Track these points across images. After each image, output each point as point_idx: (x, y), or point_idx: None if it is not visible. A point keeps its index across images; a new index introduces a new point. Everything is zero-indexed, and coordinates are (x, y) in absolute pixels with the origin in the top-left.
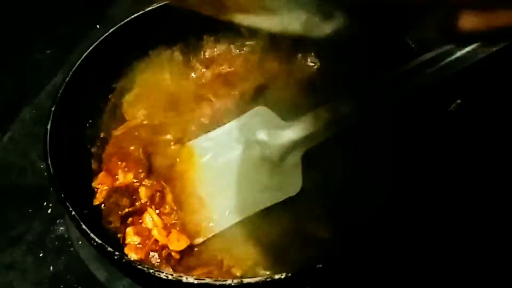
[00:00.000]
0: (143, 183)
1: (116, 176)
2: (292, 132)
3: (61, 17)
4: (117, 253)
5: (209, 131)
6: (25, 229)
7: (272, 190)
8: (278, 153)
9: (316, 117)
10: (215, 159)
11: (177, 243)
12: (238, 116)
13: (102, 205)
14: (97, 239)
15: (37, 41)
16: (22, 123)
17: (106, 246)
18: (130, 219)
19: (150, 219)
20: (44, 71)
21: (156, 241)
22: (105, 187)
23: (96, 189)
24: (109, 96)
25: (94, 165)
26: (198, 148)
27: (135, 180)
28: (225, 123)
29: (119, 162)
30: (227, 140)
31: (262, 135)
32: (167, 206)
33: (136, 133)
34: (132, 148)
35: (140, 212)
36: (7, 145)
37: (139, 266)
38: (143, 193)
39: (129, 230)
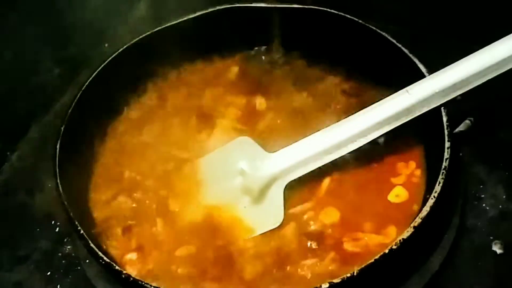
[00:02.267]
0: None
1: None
2: (274, 164)
3: (70, 36)
4: (124, 272)
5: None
6: (32, 247)
7: (252, 222)
8: (259, 184)
9: (302, 147)
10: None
11: None
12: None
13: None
14: (105, 258)
15: (45, 60)
16: (30, 142)
17: (114, 264)
18: (133, 232)
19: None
20: (53, 90)
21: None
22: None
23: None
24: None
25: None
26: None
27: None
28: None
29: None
30: (209, 170)
31: (244, 166)
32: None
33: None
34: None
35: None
36: (15, 164)
37: (146, 285)
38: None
39: (131, 244)
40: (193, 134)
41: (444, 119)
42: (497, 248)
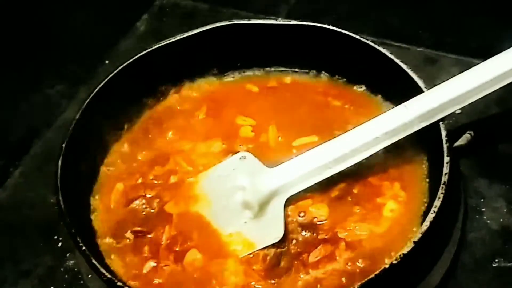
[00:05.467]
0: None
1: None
2: (274, 179)
3: (70, 52)
4: (126, 287)
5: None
6: (35, 262)
7: (253, 237)
8: (259, 199)
9: (301, 162)
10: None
11: None
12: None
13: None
14: (106, 274)
15: (46, 76)
16: (33, 158)
17: (116, 280)
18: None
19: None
20: (54, 106)
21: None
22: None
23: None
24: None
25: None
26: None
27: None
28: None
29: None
30: (209, 185)
31: (244, 181)
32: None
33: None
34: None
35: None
36: (18, 180)
37: None
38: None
39: (137, 256)
40: (198, 149)
41: (443, 133)
42: (498, 262)
